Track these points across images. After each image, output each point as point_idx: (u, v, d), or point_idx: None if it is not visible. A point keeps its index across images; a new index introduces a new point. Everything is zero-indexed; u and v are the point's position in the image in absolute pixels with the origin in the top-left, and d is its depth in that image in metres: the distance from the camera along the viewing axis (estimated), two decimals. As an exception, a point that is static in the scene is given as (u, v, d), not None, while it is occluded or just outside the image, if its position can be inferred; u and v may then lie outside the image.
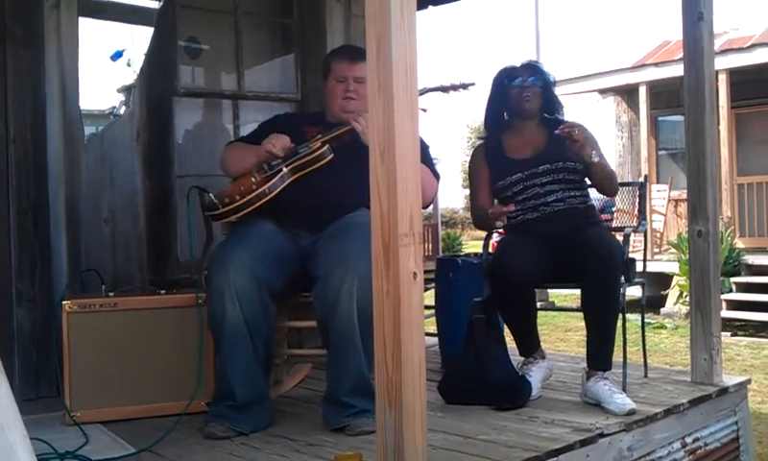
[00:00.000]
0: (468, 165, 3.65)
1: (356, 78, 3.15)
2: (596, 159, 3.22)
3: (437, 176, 3.24)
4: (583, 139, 3.17)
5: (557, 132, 3.20)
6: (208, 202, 3.13)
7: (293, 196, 3.01)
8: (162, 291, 3.28)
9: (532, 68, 3.47)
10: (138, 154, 4.00)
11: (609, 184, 3.38)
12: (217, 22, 4.61)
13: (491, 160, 3.43)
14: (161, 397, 3.05)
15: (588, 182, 3.38)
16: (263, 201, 3.00)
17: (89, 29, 4.31)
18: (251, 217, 3.04)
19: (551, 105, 3.49)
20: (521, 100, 3.39)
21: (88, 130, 4.10)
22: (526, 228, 3.29)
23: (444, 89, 3.47)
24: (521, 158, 3.36)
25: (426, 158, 3.11)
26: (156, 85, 4.12)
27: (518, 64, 3.50)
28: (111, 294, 3.19)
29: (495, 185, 3.39)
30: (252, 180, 3.03)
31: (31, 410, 3.13)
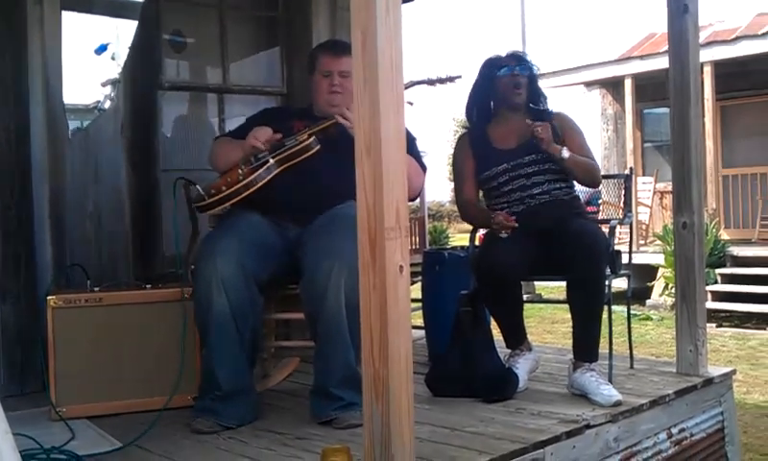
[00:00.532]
0: (452, 155, 3.64)
1: (341, 72, 3.14)
2: (566, 155, 3.22)
3: (424, 168, 3.24)
4: (547, 137, 3.18)
5: (538, 192, 3.21)
6: (195, 194, 3.12)
7: (280, 188, 3.01)
8: (148, 286, 3.28)
9: (518, 58, 3.46)
10: (123, 148, 3.98)
11: (587, 177, 3.38)
12: (202, 15, 4.59)
13: (476, 150, 3.42)
14: (148, 391, 3.04)
15: None
16: (250, 191, 2.99)
17: (73, 22, 4.28)
18: (238, 209, 3.04)
19: (536, 95, 3.49)
20: (510, 89, 3.38)
21: (73, 124, 4.08)
22: (520, 219, 3.28)
23: (430, 82, 3.45)
24: (507, 149, 3.35)
25: (413, 151, 3.11)
26: (140, 79, 4.10)
27: (504, 54, 3.49)
28: (97, 289, 3.17)
29: (480, 176, 3.38)
30: (239, 172, 3.03)
31: (16, 406, 3.12)
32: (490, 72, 3.44)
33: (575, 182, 3.42)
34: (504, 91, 3.40)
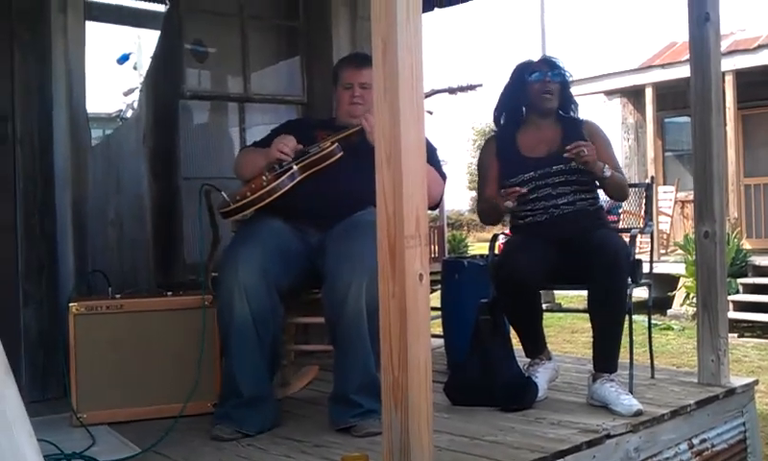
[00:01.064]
0: (478, 156, 3.62)
1: (362, 84, 3.17)
2: (608, 174, 3.20)
3: (444, 177, 3.25)
4: (592, 158, 3.14)
5: (565, 155, 3.16)
6: (220, 200, 3.15)
7: (302, 194, 3.03)
8: (169, 293, 3.29)
9: (550, 64, 3.42)
10: (145, 156, 4.01)
11: (620, 193, 3.39)
12: (223, 25, 4.63)
13: (503, 155, 3.40)
14: (168, 398, 3.05)
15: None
16: (273, 197, 3.02)
17: (96, 32, 4.34)
18: (260, 215, 3.07)
19: (567, 102, 3.45)
20: (541, 95, 3.34)
21: (95, 133, 4.13)
22: (533, 229, 3.28)
23: (451, 91, 3.48)
24: (535, 157, 3.32)
25: (433, 160, 3.12)
26: (162, 89, 4.13)
27: (537, 59, 3.47)
28: (118, 296, 3.20)
29: (506, 182, 3.34)
30: (263, 178, 3.06)
31: (38, 411, 3.14)
32: (521, 77, 3.42)
33: (599, 193, 3.39)
34: (535, 97, 3.37)
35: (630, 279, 3.14)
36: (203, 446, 2.73)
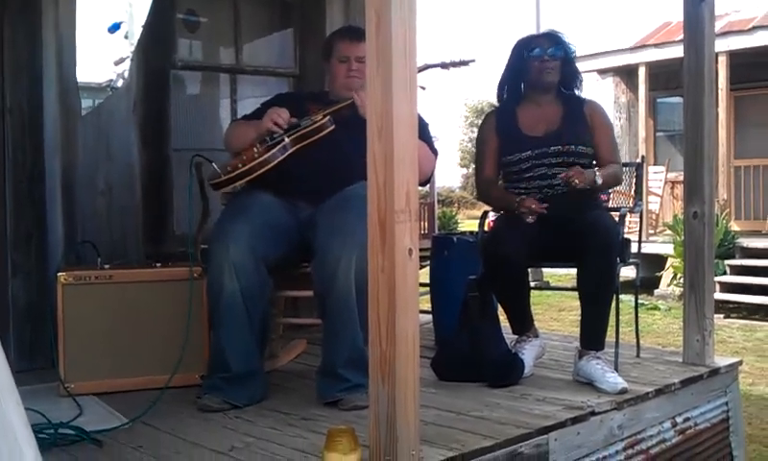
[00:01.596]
0: (478, 130, 3.60)
1: (358, 57, 3.14)
2: (600, 181, 3.17)
3: (435, 153, 3.24)
4: (581, 181, 3.10)
5: (558, 187, 3.15)
6: (211, 171, 3.14)
7: (293, 167, 3.02)
8: (158, 264, 3.29)
9: (553, 39, 3.37)
10: (135, 126, 3.99)
11: (613, 185, 3.43)
12: (216, -5, 4.59)
13: (502, 131, 3.38)
14: (156, 369, 3.05)
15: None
16: (264, 169, 3.00)
17: (87, 1, 4.28)
18: (250, 189, 3.06)
19: (570, 78, 3.41)
20: (541, 72, 3.31)
21: (85, 102, 4.10)
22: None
23: (443, 66, 3.46)
24: (534, 136, 3.30)
25: (425, 136, 3.11)
26: (153, 58, 4.10)
27: (539, 34, 3.44)
28: (107, 266, 3.19)
29: (503, 159, 3.34)
30: (255, 150, 3.05)
31: (25, 381, 3.13)
32: (520, 53, 3.39)
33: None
34: (533, 74, 3.34)
35: (618, 259, 3.15)
36: (190, 417, 2.74)
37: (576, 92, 3.44)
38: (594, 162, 3.33)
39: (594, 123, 3.34)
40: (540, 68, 3.32)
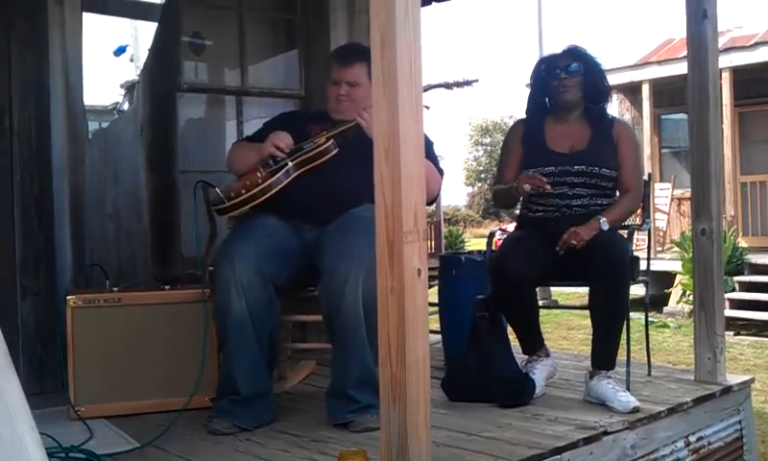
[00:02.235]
0: (504, 138, 3.58)
1: (348, 82, 3.13)
2: (606, 227, 3.13)
3: (441, 172, 3.24)
4: (582, 239, 3.06)
5: (559, 251, 3.11)
6: (214, 196, 3.14)
7: (298, 190, 3.02)
8: (166, 286, 3.29)
9: (573, 55, 3.35)
10: (142, 149, 4.00)
11: (628, 217, 3.40)
12: (221, 18, 4.61)
13: (527, 142, 3.37)
14: (165, 392, 3.05)
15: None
16: (268, 195, 3.01)
17: (93, 24, 4.32)
18: (255, 212, 3.06)
19: (596, 93, 3.37)
20: (560, 90, 3.30)
21: (92, 125, 4.11)
22: (541, 224, 3.26)
23: (447, 86, 3.45)
24: (559, 152, 3.28)
25: (431, 155, 3.11)
26: (159, 81, 4.12)
27: (560, 51, 3.40)
28: (115, 289, 3.20)
29: (527, 171, 3.26)
30: (258, 175, 3.05)
31: (35, 405, 3.10)
32: (539, 73, 3.40)
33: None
34: (553, 93, 3.34)
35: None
36: (200, 440, 2.73)
37: (605, 107, 3.41)
38: (614, 188, 3.31)
39: (620, 144, 3.31)
40: (558, 87, 3.31)
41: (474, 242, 16.33)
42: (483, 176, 34.53)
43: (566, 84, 3.29)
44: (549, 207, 3.25)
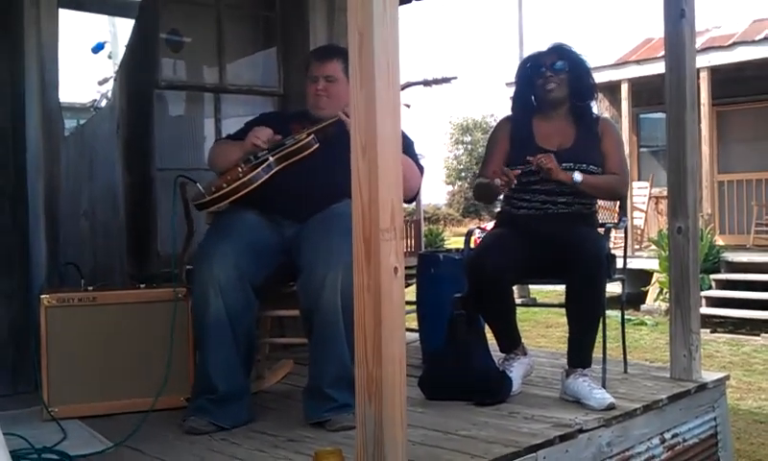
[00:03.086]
0: (490, 133, 3.58)
1: (326, 76, 3.16)
2: (579, 179, 3.15)
3: (421, 169, 3.24)
4: (553, 166, 3.10)
5: (531, 164, 3.13)
6: (195, 191, 3.12)
7: (278, 186, 3.02)
8: (142, 285, 3.27)
9: (559, 52, 3.36)
10: (119, 147, 3.97)
11: (607, 195, 3.40)
12: (199, 15, 4.59)
13: (515, 138, 3.37)
14: (141, 392, 3.02)
15: None
16: (249, 189, 3.00)
17: (70, 20, 4.27)
18: (235, 208, 3.05)
19: (582, 91, 3.37)
20: (545, 88, 3.31)
21: (69, 123, 4.07)
22: (523, 222, 3.27)
23: (426, 83, 3.47)
24: (547, 149, 3.27)
25: (410, 153, 3.11)
26: (137, 78, 4.09)
27: (545, 49, 3.40)
28: (90, 288, 3.16)
29: (513, 166, 3.24)
30: (239, 170, 3.05)
31: (8, 406, 3.11)
32: (525, 70, 3.41)
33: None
34: (538, 91, 3.35)
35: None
36: (175, 440, 2.72)
37: (592, 105, 3.42)
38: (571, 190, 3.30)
39: (604, 139, 3.33)
40: (543, 85, 3.32)
41: (454, 240, 16.34)
42: (463, 174, 34.61)
43: (552, 81, 3.30)
44: (534, 204, 3.26)
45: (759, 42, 10.91)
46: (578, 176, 3.16)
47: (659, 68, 4.95)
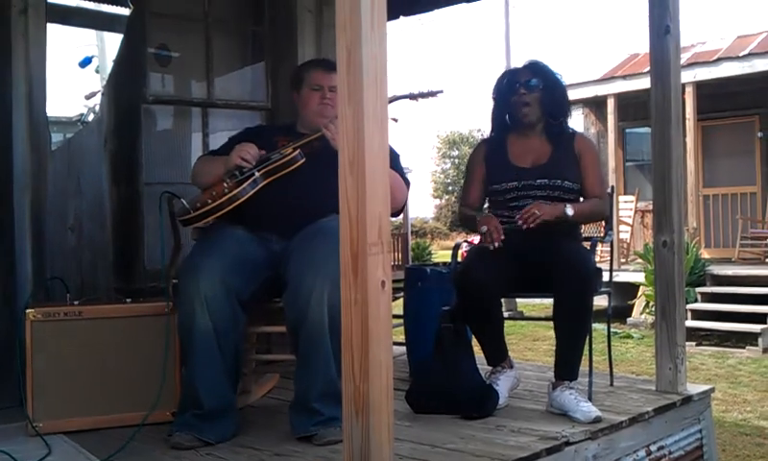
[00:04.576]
0: (468, 158, 3.61)
1: (331, 87, 3.17)
2: (571, 213, 3.18)
3: (407, 183, 3.25)
4: (543, 214, 3.09)
5: (519, 222, 3.12)
6: (180, 207, 3.11)
7: (264, 201, 3.01)
8: (128, 300, 3.26)
9: (534, 70, 3.39)
10: (106, 161, 3.97)
11: (593, 218, 3.44)
12: (187, 29, 4.60)
13: (490, 160, 3.40)
14: (126, 407, 3.01)
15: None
16: (234, 204, 3.00)
17: (58, 35, 4.28)
18: (221, 224, 3.04)
19: (556, 108, 3.40)
20: (519, 105, 3.34)
21: (56, 137, 4.08)
22: (507, 237, 3.28)
23: (412, 97, 3.49)
24: (521, 166, 3.32)
25: (397, 166, 3.12)
26: (124, 93, 4.09)
27: (521, 66, 3.44)
28: (76, 302, 3.15)
29: (490, 187, 3.35)
30: (225, 185, 3.04)
31: (-8, 421, 3.08)
32: (500, 86, 3.43)
33: None
34: (513, 109, 3.38)
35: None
36: (162, 455, 2.70)
37: (567, 121, 3.45)
38: (578, 200, 3.34)
39: (582, 157, 3.36)
40: (517, 102, 3.35)
41: (441, 254, 16.39)
42: (451, 188, 34.71)
43: (526, 99, 3.33)
44: (513, 220, 3.28)
45: (744, 58, 11.03)
46: (569, 210, 3.19)
47: (644, 83, 4.98)
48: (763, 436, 5.39)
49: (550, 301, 3.20)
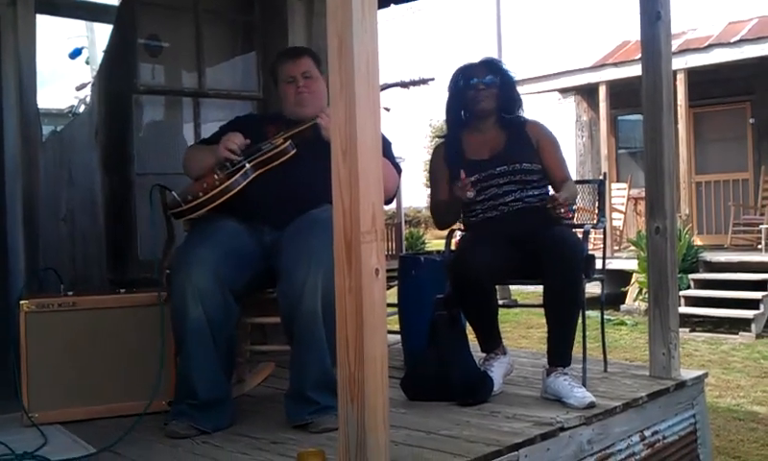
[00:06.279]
0: (429, 164, 3.67)
1: (303, 73, 3.18)
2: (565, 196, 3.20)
3: (399, 170, 3.26)
4: (563, 201, 3.13)
5: (547, 205, 3.15)
6: (171, 200, 3.10)
7: (256, 192, 3.01)
8: (122, 290, 3.25)
9: (489, 66, 3.47)
10: (97, 152, 3.96)
11: (575, 198, 3.45)
12: (178, 19, 4.58)
13: (450, 161, 3.45)
14: (121, 396, 3.02)
15: (547, 182, 3.41)
16: (226, 197, 2.99)
17: (47, 26, 4.26)
18: (213, 215, 3.03)
19: (509, 104, 3.49)
20: (476, 100, 3.40)
21: (47, 129, 4.06)
22: (486, 226, 3.32)
23: (403, 85, 3.50)
24: (479, 159, 3.37)
25: (388, 154, 3.12)
26: (115, 83, 4.08)
27: (476, 62, 3.50)
28: (70, 293, 3.15)
29: (454, 185, 3.39)
30: (216, 177, 3.03)
31: (-13, 412, 3.08)
32: (457, 81, 3.47)
33: (549, 189, 3.42)
34: (470, 103, 3.44)
35: (583, 275, 3.19)
36: (157, 443, 2.71)
37: (518, 114, 3.50)
38: (542, 179, 3.38)
39: (539, 142, 3.41)
40: (474, 97, 3.40)
41: (435, 243, 16.38)
42: (443, 177, 34.59)
43: (483, 94, 3.39)
44: (487, 209, 3.32)
45: (735, 44, 11.02)
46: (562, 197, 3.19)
47: (636, 70, 4.98)
48: (756, 421, 5.43)
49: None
